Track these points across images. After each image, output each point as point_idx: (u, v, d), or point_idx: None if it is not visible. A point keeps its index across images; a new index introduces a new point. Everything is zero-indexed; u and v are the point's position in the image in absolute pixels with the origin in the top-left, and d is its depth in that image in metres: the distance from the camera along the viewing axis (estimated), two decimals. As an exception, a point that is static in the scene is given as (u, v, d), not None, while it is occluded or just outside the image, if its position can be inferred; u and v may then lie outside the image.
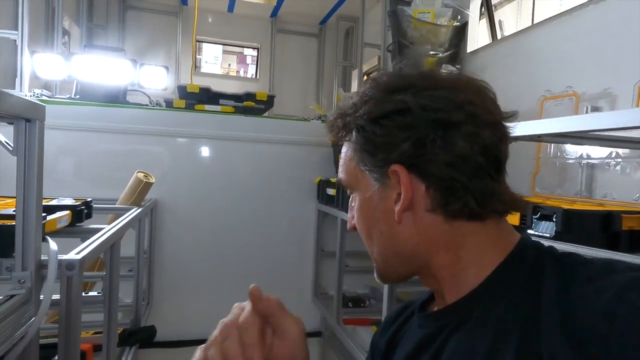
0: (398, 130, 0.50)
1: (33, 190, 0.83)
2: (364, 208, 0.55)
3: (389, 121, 0.51)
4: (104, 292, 1.29)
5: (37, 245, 0.85)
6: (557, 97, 1.90)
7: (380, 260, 0.56)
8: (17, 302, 0.79)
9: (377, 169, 0.52)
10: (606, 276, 0.43)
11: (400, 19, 2.66)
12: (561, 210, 1.19)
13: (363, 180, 0.54)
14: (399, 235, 0.53)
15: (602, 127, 0.99)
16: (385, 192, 0.52)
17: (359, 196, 0.56)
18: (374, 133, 0.52)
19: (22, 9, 2.36)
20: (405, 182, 0.50)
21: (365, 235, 0.57)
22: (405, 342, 0.59)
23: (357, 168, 0.55)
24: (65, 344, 0.91)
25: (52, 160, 2.25)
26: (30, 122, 0.82)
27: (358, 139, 0.53)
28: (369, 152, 0.53)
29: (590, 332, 0.40)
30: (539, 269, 0.48)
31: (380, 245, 0.55)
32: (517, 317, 0.45)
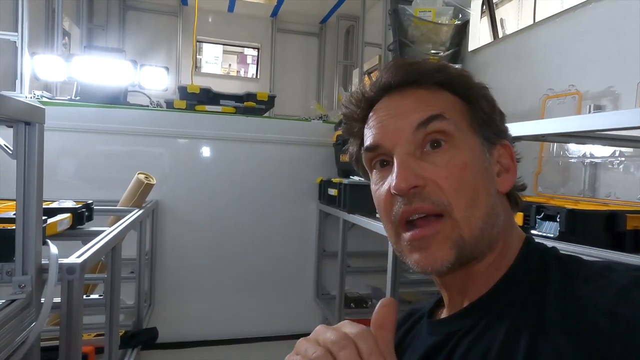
0: (503, 116, 0.57)
1: (33, 193, 0.82)
2: (474, 163, 0.50)
3: (498, 107, 0.56)
4: (106, 294, 1.29)
5: (37, 249, 0.85)
6: (559, 95, 1.88)
7: (479, 225, 0.49)
8: (17, 307, 0.79)
9: (494, 137, 0.54)
10: (607, 276, 0.44)
11: (401, 17, 2.65)
12: (565, 210, 1.18)
13: (471, 137, 0.52)
14: (498, 204, 0.52)
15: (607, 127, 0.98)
16: (490, 160, 0.53)
17: (465, 149, 0.50)
18: (493, 108, 0.55)
19: (22, 10, 2.36)
20: (514, 159, 0.55)
21: (469, 193, 0.49)
22: (414, 349, 0.58)
23: (466, 123, 0.52)
24: (67, 348, 0.91)
25: (53, 162, 2.24)
26: (30, 125, 0.81)
27: (485, 104, 0.54)
28: (494, 120, 0.54)
29: (593, 330, 0.40)
30: (544, 271, 0.48)
31: (486, 209, 0.50)
32: (527, 319, 0.45)
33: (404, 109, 0.52)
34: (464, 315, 0.52)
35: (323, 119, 2.85)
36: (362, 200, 2.06)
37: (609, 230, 1.21)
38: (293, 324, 2.65)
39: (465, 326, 0.50)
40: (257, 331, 2.61)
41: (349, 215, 2.12)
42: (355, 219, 2.05)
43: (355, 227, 2.20)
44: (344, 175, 2.42)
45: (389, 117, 0.52)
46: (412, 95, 0.53)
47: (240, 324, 2.59)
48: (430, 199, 0.48)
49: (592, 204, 1.46)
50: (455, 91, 0.53)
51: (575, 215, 1.18)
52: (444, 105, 0.51)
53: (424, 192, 0.48)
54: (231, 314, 2.58)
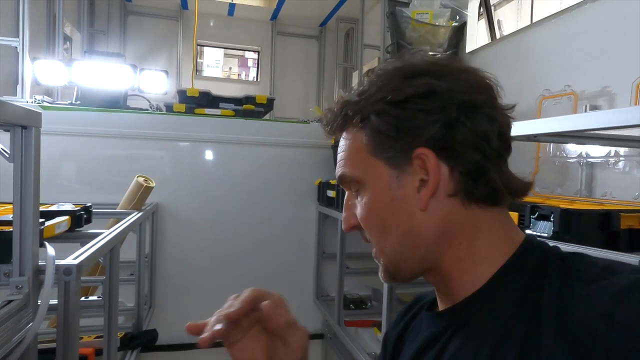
0: (424, 114, 0.49)
1: (30, 196, 0.84)
2: (378, 199, 0.52)
3: (413, 104, 0.50)
4: (104, 296, 1.30)
5: (34, 251, 0.86)
6: (555, 96, 1.89)
7: (394, 256, 0.53)
8: (14, 308, 0.80)
9: (400, 154, 0.51)
10: (607, 277, 0.43)
11: (399, 20, 2.67)
12: (559, 209, 1.19)
13: (376, 170, 0.52)
14: (421, 224, 0.51)
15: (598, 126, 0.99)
16: (405, 178, 0.51)
17: (371, 188, 0.53)
18: (396, 117, 0.50)
19: (23, 15, 2.39)
20: (433, 165, 0.49)
21: (377, 230, 0.53)
22: (412, 339, 0.59)
23: (368, 157, 0.52)
24: (64, 349, 0.92)
25: (54, 165, 2.26)
26: (27, 129, 0.83)
27: (376, 123, 0.51)
28: (391, 137, 0.50)
29: (589, 334, 0.40)
30: (543, 270, 0.48)
31: (397, 239, 0.52)
32: (520, 319, 0.45)
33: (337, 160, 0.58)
34: (459, 309, 0.52)
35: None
36: (360, 202, 2.07)
37: (603, 230, 1.21)
38: (293, 325, 2.66)
39: (459, 321, 0.51)
40: (257, 333, 2.62)
41: (348, 217, 2.13)
42: (354, 221, 2.06)
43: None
44: (342, 177, 2.43)
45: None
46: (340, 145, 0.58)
47: (240, 326, 2.60)
48: (363, 234, 0.57)
49: (588, 204, 1.46)
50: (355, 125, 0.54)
51: (569, 215, 1.19)
52: (348, 155, 0.55)
53: (361, 227, 0.56)
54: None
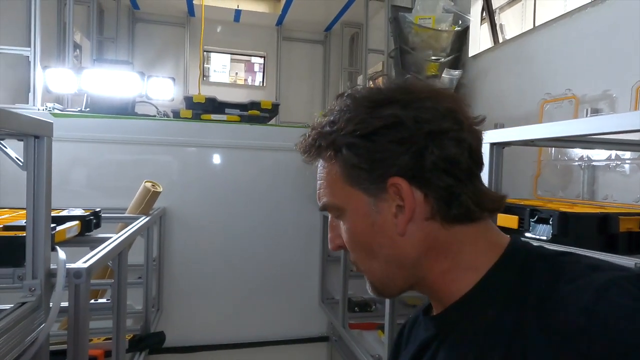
0: (394, 144, 0.51)
1: (42, 202, 0.88)
2: (359, 225, 0.55)
3: (381, 136, 0.51)
4: (113, 298, 1.34)
5: (46, 255, 0.90)
6: (557, 99, 1.91)
7: (382, 274, 0.56)
8: (27, 309, 0.84)
9: (374, 185, 0.52)
10: (589, 275, 0.45)
11: (402, 25, 2.70)
12: (557, 213, 1.20)
13: (354, 198, 0.54)
14: (402, 246, 0.53)
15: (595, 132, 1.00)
16: (382, 205, 0.53)
17: (351, 215, 0.55)
18: (367, 149, 0.52)
19: (35, 26, 2.45)
20: (407, 193, 0.51)
21: (363, 252, 0.56)
22: (411, 344, 0.62)
23: (345, 186, 0.54)
24: (74, 349, 0.96)
25: (64, 171, 2.31)
26: (39, 139, 0.87)
27: (349, 156, 0.53)
28: (364, 169, 0.52)
29: (571, 330, 0.41)
30: (528, 271, 0.49)
31: (383, 259, 0.55)
32: (505, 320, 0.47)
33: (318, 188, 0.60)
34: (450, 312, 0.54)
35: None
36: (364, 206, 2.09)
37: (602, 233, 1.22)
38: (298, 328, 2.69)
39: (449, 325, 0.53)
40: (263, 336, 2.65)
41: (351, 220, 2.15)
42: (357, 224, 2.08)
43: (357, 232, 2.23)
44: (346, 181, 2.45)
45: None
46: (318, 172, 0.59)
47: (246, 329, 2.63)
48: (348, 255, 0.60)
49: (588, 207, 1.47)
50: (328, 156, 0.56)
51: (567, 218, 1.20)
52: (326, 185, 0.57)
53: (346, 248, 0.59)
54: (237, 319, 2.62)
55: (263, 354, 2.64)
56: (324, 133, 0.55)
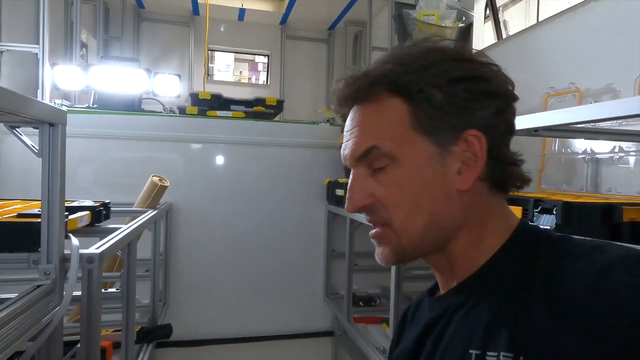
0: (479, 96, 0.50)
1: (56, 188, 0.90)
2: (415, 176, 0.51)
3: (467, 85, 0.50)
4: (122, 288, 1.36)
5: (60, 240, 0.92)
6: (560, 93, 1.92)
7: (419, 233, 0.52)
8: (43, 292, 0.86)
9: (450, 132, 0.51)
10: (594, 254, 0.46)
11: (406, 22, 2.71)
12: (561, 203, 1.21)
13: (416, 146, 0.51)
14: (452, 205, 0.52)
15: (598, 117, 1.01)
16: (448, 158, 0.51)
17: (407, 164, 0.51)
18: (450, 95, 0.50)
19: (43, 23, 2.48)
20: (483, 148, 0.50)
21: (407, 207, 0.52)
22: (417, 324, 0.62)
23: (409, 132, 0.51)
24: (87, 335, 0.98)
25: (73, 167, 2.35)
26: (54, 127, 0.89)
27: (427, 100, 0.50)
28: (442, 115, 0.50)
29: (576, 306, 0.42)
30: (535, 251, 0.50)
31: (428, 218, 0.52)
32: (513, 297, 0.48)
33: (350, 135, 0.55)
34: (458, 291, 0.55)
35: (330, 122, 2.91)
36: (368, 200, 2.10)
37: (606, 222, 1.23)
38: (303, 323, 2.71)
39: (458, 301, 0.54)
40: (268, 330, 2.67)
41: (356, 215, 2.17)
42: (362, 219, 2.10)
43: (362, 227, 2.25)
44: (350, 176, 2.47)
45: (343, 144, 0.57)
46: (358, 117, 0.55)
47: (251, 323, 2.65)
48: (377, 213, 0.54)
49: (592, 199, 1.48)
50: (399, 94, 0.52)
51: (571, 208, 1.21)
52: (382, 127, 0.52)
53: (373, 207, 0.54)
54: (242, 314, 2.64)
55: (268, 348, 2.66)
56: (392, 72, 0.52)
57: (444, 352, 0.53)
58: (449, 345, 0.52)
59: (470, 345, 0.49)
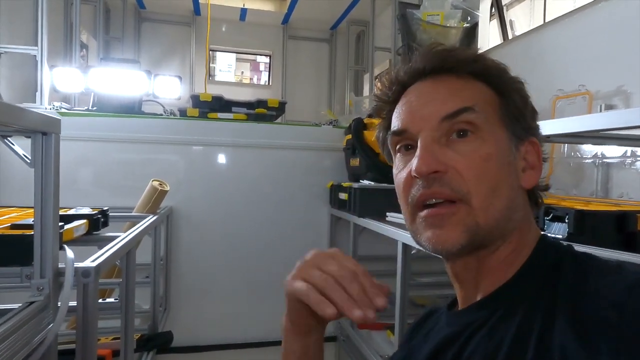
0: (535, 113, 0.56)
1: (50, 200, 0.86)
2: (500, 155, 0.51)
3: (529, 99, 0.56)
4: (121, 297, 1.33)
5: (54, 254, 0.88)
6: (570, 96, 1.87)
7: (497, 215, 0.50)
8: (36, 309, 0.83)
9: (524, 133, 0.54)
10: (619, 273, 0.45)
11: (410, 22, 2.67)
12: (573, 211, 1.17)
13: (498, 129, 0.52)
14: (519, 199, 0.53)
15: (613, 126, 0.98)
16: (516, 154, 0.53)
17: (491, 141, 0.51)
18: (527, 102, 0.55)
19: (42, 25, 2.45)
20: (540, 157, 0.55)
21: (490, 184, 0.50)
22: (432, 339, 0.59)
23: (495, 114, 0.53)
24: (83, 348, 0.94)
25: (72, 170, 2.31)
26: (47, 136, 0.85)
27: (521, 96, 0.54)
28: (525, 116, 0.54)
29: (600, 324, 0.41)
30: (558, 266, 0.49)
31: (507, 201, 0.51)
32: (537, 315, 0.46)
33: (435, 97, 0.53)
34: (480, 307, 0.53)
35: (333, 124, 2.87)
36: (372, 204, 2.07)
37: (619, 231, 1.20)
38: (306, 328, 2.67)
39: (481, 318, 0.51)
40: (270, 335, 2.63)
41: (359, 219, 2.13)
42: (366, 223, 2.06)
43: (365, 231, 2.21)
44: (354, 179, 2.44)
45: (419, 103, 0.53)
46: (445, 84, 0.53)
47: (254, 329, 2.62)
48: (450, 185, 0.49)
49: (603, 205, 1.44)
50: (489, 82, 0.54)
51: (583, 216, 1.18)
52: (476, 97, 0.52)
53: (444, 178, 0.50)
54: (245, 319, 2.61)
55: (270, 353, 2.62)
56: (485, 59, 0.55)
57: None
58: None
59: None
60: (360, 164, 2.31)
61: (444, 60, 0.54)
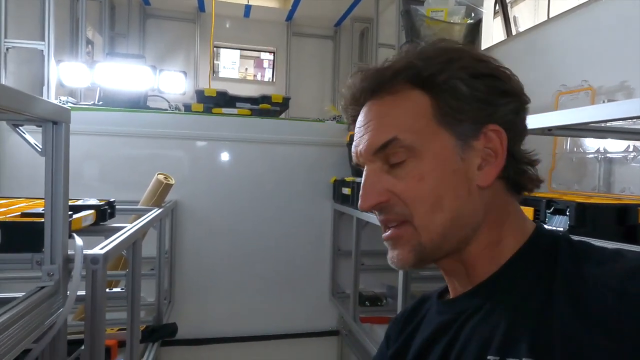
0: (500, 92, 0.51)
1: (60, 188, 0.88)
2: (437, 170, 0.50)
3: (488, 82, 0.51)
4: (127, 287, 1.35)
5: (64, 240, 0.91)
6: (572, 91, 1.88)
7: (441, 230, 0.50)
8: (46, 294, 0.85)
9: (472, 126, 0.50)
10: (617, 260, 0.45)
11: (414, 18, 2.67)
12: (574, 204, 1.19)
13: (438, 139, 0.50)
14: (473, 202, 0.51)
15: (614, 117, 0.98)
16: (469, 153, 0.51)
17: (429, 158, 0.50)
18: (474, 89, 0.50)
19: (49, 20, 2.47)
20: (504, 144, 0.51)
21: (428, 204, 0.50)
22: (424, 329, 0.60)
23: (431, 124, 0.51)
24: (91, 335, 0.96)
25: (78, 165, 2.34)
26: (57, 125, 0.87)
27: (452, 92, 0.50)
28: (466, 109, 0.50)
29: (602, 309, 0.41)
30: (554, 255, 0.49)
31: (450, 215, 0.50)
32: (532, 303, 0.46)
33: (366, 129, 0.54)
34: (473, 294, 0.53)
35: (337, 120, 2.89)
36: (375, 199, 2.08)
37: (620, 224, 1.20)
38: (308, 322, 2.69)
39: (474, 305, 0.52)
40: (273, 329, 2.66)
41: (362, 214, 2.15)
42: (369, 217, 2.08)
43: (369, 226, 2.22)
44: (357, 174, 2.45)
45: (357, 139, 0.55)
46: (374, 110, 0.54)
47: (257, 322, 2.64)
48: (394, 210, 0.52)
49: (605, 199, 1.45)
50: (421, 87, 0.52)
51: (584, 209, 1.19)
52: (402, 119, 0.51)
53: (389, 205, 0.52)
54: (248, 312, 2.63)
55: (273, 347, 2.64)
56: (414, 65, 0.51)
57: (458, 358, 0.51)
58: (464, 351, 0.50)
59: (487, 351, 0.47)
60: (363, 159, 2.32)
61: (371, 82, 0.54)
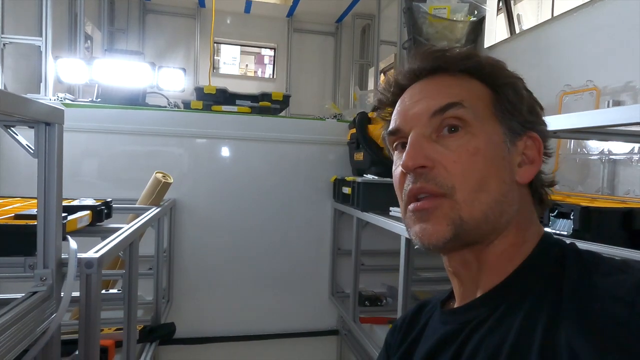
0: (537, 107, 0.56)
1: (53, 190, 0.86)
2: (490, 149, 0.51)
3: (530, 95, 0.56)
4: (124, 288, 1.33)
5: (57, 244, 0.88)
6: (577, 91, 1.85)
7: (483, 209, 0.50)
8: (39, 299, 0.83)
9: (520, 127, 0.54)
10: (625, 271, 0.44)
11: (416, 15, 2.64)
12: (579, 207, 1.16)
13: (491, 124, 0.53)
14: (515, 193, 0.52)
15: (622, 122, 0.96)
16: (512, 148, 0.53)
17: (482, 135, 0.51)
18: (529, 96, 0.56)
19: (46, 15, 2.44)
20: (541, 152, 0.54)
21: (478, 178, 0.50)
22: (426, 339, 0.58)
23: (488, 110, 0.53)
24: (86, 339, 0.95)
25: (76, 162, 2.31)
26: (50, 126, 0.85)
27: (517, 91, 0.54)
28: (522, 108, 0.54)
29: (610, 320, 0.40)
30: (561, 264, 0.48)
31: (497, 195, 0.50)
32: (541, 313, 0.45)
33: (425, 95, 0.54)
34: (479, 304, 0.52)
35: (337, 118, 2.86)
36: (376, 199, 2.07)
37: (626, 228, 1.18)
38: (308, 321, 2.68)
39: (480, 315, 0.51)
40: (273, 328, 2.64)
41: (363, 214, 2.13)
42: (369, 217, 2.06)
43: (369, 226, 2.20)
44: (357, 173, 2.43)
45: (410, 103, 0.55)
46: (436, 82, 0.55)
47: (256, 322, 2.63)
48: (435, 180, 0.50)
49: (609, 202, 1.43)
50: (482, 79, 0.55)
51: (589, 213, 1.17)
52: (466, 93, 0.53)
53: (430, 173, 0.51)
54: (247, 312, 2.62)
55: (272, 346, 2.63)
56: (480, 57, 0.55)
57: None
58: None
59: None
60: (364, 158, 2.30)
61: (437, 60, 0.55)
